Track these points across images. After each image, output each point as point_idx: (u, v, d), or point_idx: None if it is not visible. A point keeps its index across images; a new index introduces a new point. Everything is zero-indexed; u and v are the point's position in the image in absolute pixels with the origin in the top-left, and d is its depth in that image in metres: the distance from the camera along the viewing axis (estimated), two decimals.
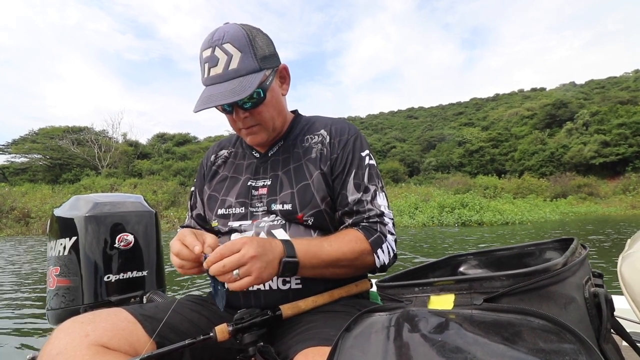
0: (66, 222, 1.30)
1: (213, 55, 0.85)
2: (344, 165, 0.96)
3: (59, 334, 0.69)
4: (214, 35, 0.86)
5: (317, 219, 0.93)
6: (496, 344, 0.41)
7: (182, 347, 0.71)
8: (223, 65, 0.85)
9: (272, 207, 0.93)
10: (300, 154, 0.99)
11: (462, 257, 0.76)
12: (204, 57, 0.87)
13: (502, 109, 69.09)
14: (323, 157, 0.97)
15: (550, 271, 0.46)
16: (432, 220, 17.33)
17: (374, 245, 0.90)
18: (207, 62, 0.86)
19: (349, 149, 0.98)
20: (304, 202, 0.92)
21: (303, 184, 0.94)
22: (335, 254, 0.85)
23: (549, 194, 32.07)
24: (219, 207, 1.00)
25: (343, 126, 1.02)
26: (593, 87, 67.29)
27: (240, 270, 0.70)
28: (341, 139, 0.99)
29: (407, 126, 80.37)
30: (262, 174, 1.00)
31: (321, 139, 1.00)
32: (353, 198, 0.94)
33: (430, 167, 50.63)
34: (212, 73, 0.86)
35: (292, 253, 0.79)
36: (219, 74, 0.85)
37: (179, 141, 46.95)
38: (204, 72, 0.87)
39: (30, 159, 36.39)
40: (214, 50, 0.85)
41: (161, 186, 25.98)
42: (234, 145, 1.12)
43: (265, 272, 0.74)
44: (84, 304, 1.23)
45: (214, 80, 0.86)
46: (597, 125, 41.93)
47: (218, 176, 1.07)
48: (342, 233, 0.92)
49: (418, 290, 0.56)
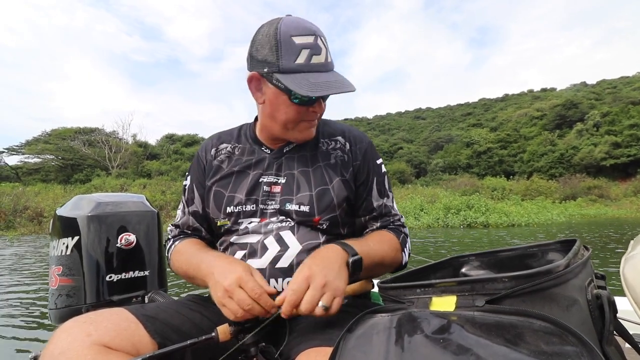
0: (69, 222, 1.30)
1: (316, 43, 0.85)
2: (367, 173, 0.99)
3: (61, 334, 0.69)
4: (307, 24, 0.86)
5: (331, 223, 0.93)
6: (498, 345, 0.41)
7: (184, 347, 0.71)
8: (325, 56, 0.86)
9: (286, 207, 0.92)
10: (319, 157, 0.98)
11: (464, 258, 0.76)
12: (304, 42, 0.84)
13: (511, 110, 68.62)
14: (344, 164, 0.98)
15: (552, 273, 0.46)
16: (437, 222, 17.20)
17: (402, 245, 0.98)
18: (309, 48, 0.84)
19: (369, 157, 1.01)
20: (323, 205, 0.92)
21: (322, 188, 0.94)
22: (380, 254, 0.88)
23: (558, 195, 31.70)
24: (226, 205, 0.96)
25: (358, 134, 1.05)
26: (605, 87, 66.46)
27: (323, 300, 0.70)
28: (360, 147, 1.01)
29: (414, 127, 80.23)
30: (275, 170, 0.97)
31: (340, 146, 1.00)
32: (378, 203, 1.00)
33: (437, 168, 50.46)
34: (315, 60, 0.84)
35: (353, 251, 0.81)
36: (323, 62, 0.85)
37: (187, 142, 47.27)
38: (300, 57, 0.84)
39: (43, 159, 37.00)
40: (316, 39, 0.85)
41: (170, 186, 26.15)
42: (238, 140, 1.06)
43: (341, 283, 0.75)
44: (86, 303, 1.24)
45: (317, 68, 0.85)
46: (608, 126, 41.43)
47: (222, 171, 1.01)
48: (378, 234, 0.97)
49: (420, 292, 0.56)
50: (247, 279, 0.74)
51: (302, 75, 0.84)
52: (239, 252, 0.92)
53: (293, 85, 0.82)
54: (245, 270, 0.77)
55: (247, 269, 0.77)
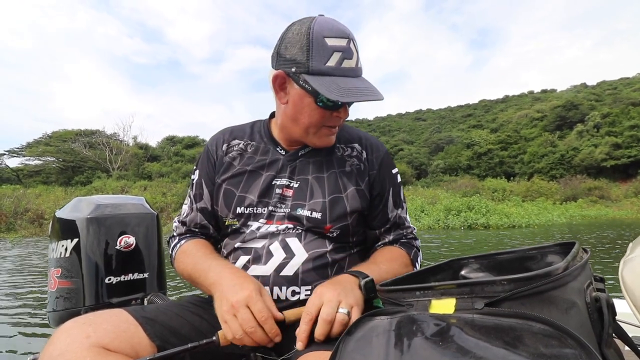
0: (68, 224, 1.30)
1: (349, 47, 0.81)
2: (383, 183, 0.98)
3: (60, 335, 0.69)
4: (341, 26, 0.82)
5: (342, 232, 0.92)
6: (497, 348, 0.41)
7: (184, 350, 0.70)
8: (356, 61, 0.83)
9: (297, 212, 0.90)
10: (334, 163, 0.96)
11: (464, 260, 0.76)
12: (337, 45, 0.81)
13: (511, 111, 68.64)
14: (360, 172, 0.96)
15: (551, 275, 0.46)
16: (438, 223, 17.17)
17: (414, 260, 0.99)
18: (341, 51, 0.81)
19: (386, 167, 1.00)
20: (335, 214, 0.90)
21: (336, 196, 0.92)
22: (392, 272, 0.88)
23: (559, 197, 31.65)
24: (237, 205, 0.93)
25: (376, 142, 1.04)
26: (605, 88, 66.46)
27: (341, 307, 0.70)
28: (377, 156, 0.99)
29: (415, 128, 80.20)
30: (288, 173, 0.95)
31: (356, 154, 0.99)
32: (393, 215, 1.00)
33: (438, 169, 50.43)
34: (345, 65, 0.81)
35: (363, 275, 0.79)
36: (353, 67, 0.82)
37: (188, 144, 47.31)
38: (331, 60, 0.80)
39: (44, 161, 37.09)
40: (349, 42, 0.82)
41: (170, 188, 26.16)
42: (251, 137, 1.02)
43: (356, 297, 0.74)
44: (85, 305, 1.23)
45: (348, 72, 0.82)
46: (609, 127, 41.41)
47: (234, 169, 0.97)
48: (389, 252, 0.97)
49: (419, 294, 0.56)
50: (257, 299, 0.72)
51: (332, 79, 0.80)
52: (243, 257, 0.90)
53: (322, 88, 0.79)
54: (256, 290, 0.74)
55: (257, 289, 0.75)
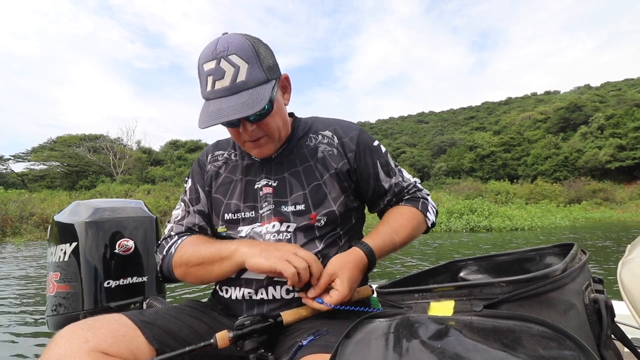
0: (66, 228, 1.29)
1: (218, 67, 0.81)
2: (367, 160, 0.99)
3: (58, 340, 0.68)
4: (217, 46, 0.82)
5: (329, 219, 0.92)
6: (496, 350, 0.40)
7: (182, 353, 0.70)
8: (230, 78, 0.81)
9: (281, 209, 0.93)
10: (307, 155, 0.98)
11: (462, 262, 0.75)
12: (206, 69, 0.83)
13: (514, 113, 68.52)
14: (334, 157, 0.97)
15: (549, 277, 0.46)
16: (440, 226, 17.11)
17: (424, 211, 1.02)
18: (211, 74, 0.82)
19: (363, 144, 1.00)
20: (317, 201, 0.92)
21: (315, 184, 0.94)
22: (404, 240, 0.96)
23: (563, 199, 31.50)
24: (224, 212, 0.97)
25: (347, 124, 1.04)
26: (609, 89, 66.22)
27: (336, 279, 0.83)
28: (352, 136, 1.00)
29: (417, 131, 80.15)
30: (265, 174, 0.98)
31: (328, 140, 0.99)
32: (389, 185, 1.02)
33: (440, 172, 50.36)
34: (218, 86, 0.82)
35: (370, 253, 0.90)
36: (227, 87, 0.81)
37: (191, 148, 47.60)
38: (207, 85, 0.83)
39: (49, 166, 37.47)
40: (219, 62, 0.81)
41: (174, 192, 26.28)
42: (234, 147, 1.07)
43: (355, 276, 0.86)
44: (83, 309, 1.23)
45: (221, 93, 0.82)
46: (613, 129, 41.24)
47: (220, 178, 1.02)
48: (397, 213, 1.00)
49: (418, 297, 0.56)
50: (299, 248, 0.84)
51: (207, 104, 0.84)
52: None
53: (200, 115, 0.84)
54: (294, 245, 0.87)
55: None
